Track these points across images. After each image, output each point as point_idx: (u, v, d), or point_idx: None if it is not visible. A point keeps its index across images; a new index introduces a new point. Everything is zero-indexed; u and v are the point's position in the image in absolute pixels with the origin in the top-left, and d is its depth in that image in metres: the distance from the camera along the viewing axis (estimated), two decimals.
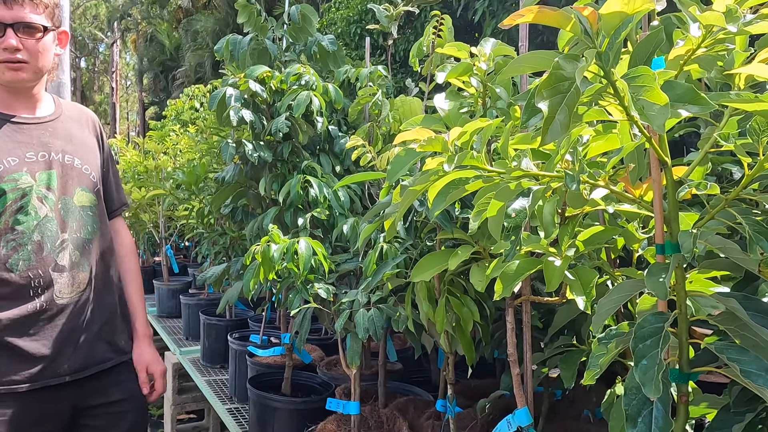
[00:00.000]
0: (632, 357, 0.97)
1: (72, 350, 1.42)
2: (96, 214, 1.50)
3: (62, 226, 1.41)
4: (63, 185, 1.43)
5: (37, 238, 1.37)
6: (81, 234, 1.45)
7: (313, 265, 1.57)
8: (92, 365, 1.46)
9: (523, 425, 1.22)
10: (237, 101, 1.96)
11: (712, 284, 0.93)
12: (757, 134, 0.70)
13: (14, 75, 1.36)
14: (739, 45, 0.86)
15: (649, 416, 0.77)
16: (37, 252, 1.37)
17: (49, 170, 1.41)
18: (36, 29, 1.36)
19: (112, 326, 1.52)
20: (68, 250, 1.41)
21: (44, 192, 1.40)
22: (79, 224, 1.45)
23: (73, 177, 1.46)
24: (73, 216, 1.44)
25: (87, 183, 1.49)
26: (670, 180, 0.78)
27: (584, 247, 1.06)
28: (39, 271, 1.36)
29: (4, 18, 1.31)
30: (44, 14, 1.38)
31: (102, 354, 1.48)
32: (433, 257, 1.26)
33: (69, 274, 1.41)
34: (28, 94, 1.44)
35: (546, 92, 0.60)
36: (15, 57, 1.34)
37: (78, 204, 1.46)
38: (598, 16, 0.62)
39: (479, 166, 0.86)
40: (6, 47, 1.32)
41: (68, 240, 1.42)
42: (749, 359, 0.75)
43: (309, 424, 1.84)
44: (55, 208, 1.41)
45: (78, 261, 1.43)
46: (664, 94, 0.58)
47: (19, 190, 1.36)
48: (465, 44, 1.40)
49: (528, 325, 1.26)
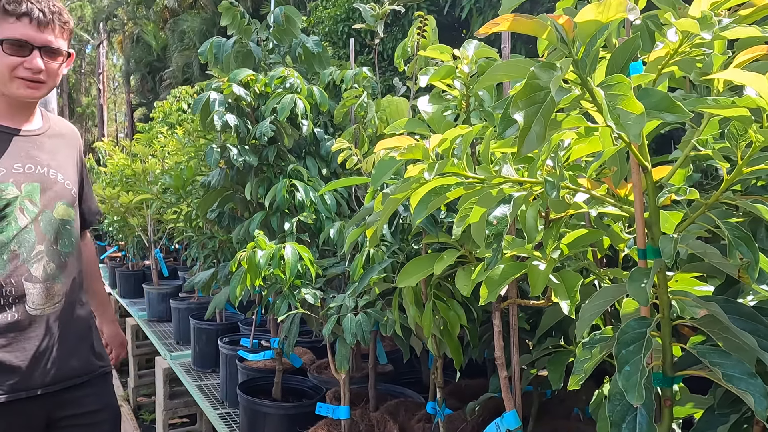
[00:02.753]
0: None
1: (45, 363, 1.41)
2: (74, 228, 1.52)
3: (40, 238, 1.43)
4: (46, 198, 1.45)
5: (14, 247, 1.38)
6: (57, 247, 1.46)
7: (300, 270, 1.56)
8: (65, 379, 1.45)
9: (511, 428, 1.22)
10: (221, 105, 1.94)
11: (697, 283, 0.93)
12: (735, 139, 0.70)
13: (31, 93, 1.41)
14: (718, 48, 0.86)
15: (633, 422, 0.78)
16: (12, 261, 1.38)
17: (34, 183, 1.43)
18: (59, 54, 1.43)
19: (87, 339, 1.53)
20: (43, 262, 1.42)
21: (27, 204, 1.41)
22: (56, 237, 1.46)
23: (56, 191, 1.47)
24: (52, 229, 1.45)
25: (68, 198, 1.51)
26: (651, 185, 0.78)
27: (569, 250, 1.06)
28: (11, 280, 1.37)
29: (33, 40, 1.36)
30: (66, 40, 1.45)
31: (75, 368, 1.48)
32: (419, 262, 1.26)
33: (43, 285, 1.41)
34: (29, 109, 1.48)
35: (522, 102, 0.59)
36: (37, 77, 1.39)
37: (57, 218, 1.47)
38: (573, 24, 0.62)
39: (460, 173, 0.85)
40: (30, 67, 1.37)
41: (44, 252, 1.43)
42: (731, 363, 0.75)
43: (300, 429, 1.83)
44: (36, 220, 1.42)
45: (53, 273, 1.44)
46: (639, 104, 0.58)
47: (3, 201, 1.37)
48: (448, 47, 1.39)
49: (515, 327, 1.26)
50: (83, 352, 1.51)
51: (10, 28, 1.34)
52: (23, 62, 1.36)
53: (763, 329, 0.75)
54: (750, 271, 0.67)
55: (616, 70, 0.69)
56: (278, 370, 2.10)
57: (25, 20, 1.35)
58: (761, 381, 0.72)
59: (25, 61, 1.37)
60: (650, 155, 0.86)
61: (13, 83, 1.39)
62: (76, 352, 1.49)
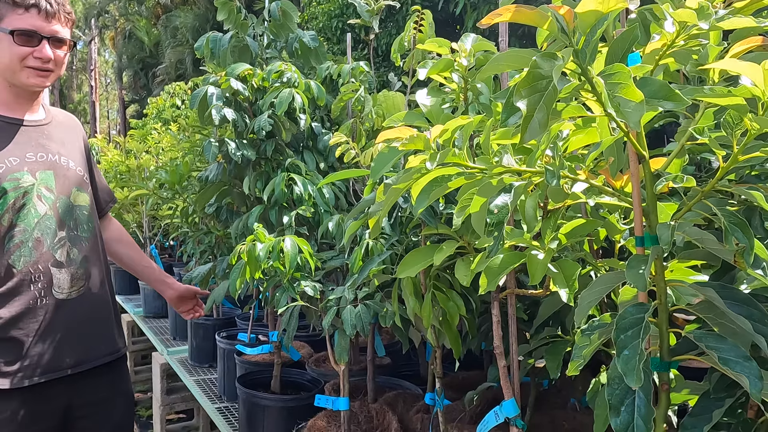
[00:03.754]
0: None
1: (73, 344, 1.47)
2: (90, 213, 1.56)
3: (60, 224, 1.47)
4: (60, 185, 1.49)
5: (37, 235, 1.43)
6: (77, 232, 1.51)
7: (299, 262, 1.57)
8: (92, 359, 1.51)
9: (510, 416, 1.24)
10: (219, 100, 1.94)
11: (691, 272, 0.95)
12: (730, 127, 0.72)
13: (41, 81, 1.46)
14: (713, 39, 0.87)
15: (631, 405, 0.79)
16: (37, 248, 1.43)
17: (48, 170, 1.48)
18: (65, 43, 1.48)
19: (109, 322, 1.58)
20: (66, 247, 1.47)
21: (44, 191, 1.46)
22: (75, 223, 1.51)
23: (69, 178, 1.52)
24: (71, 215, 1.50)
25: (81, 184, 1.55)
26: (648, 174, 0.79)
27: (566, 240, 1.07)
28: (39, 266, 1.42)
29: (42, 30, 1.42)
30: (70, 29, 1.51)
31: (100, 349, 1.54)
32: (419, 253, 1.27)
33: (67, 270, 1.46)
34: (34, 99, 1.52)
35: (524, 91, 0.61)
36: (46, 66, 1.44)
37: (75, 204, 1.52)
38: (574, 14, 0.63)
39: (461, 163, 0.87)
40: (40, 56, 1.42)
41: (66, 237, 1.48)
42: (727, 347, 0.76)
43: (299, 421, 1.85)
44: (54, 206, 1.47)
45: (75, 258, 1.49)
46: (639, 92, 0.59)
47: (20, 189, 1.42)
48: (446, 40, 1.40)
49: (513, 317, 1.27)
50: (108, 333, 1.57)
51: (19, 19, 1.39)
52: (33, 52, 1.41)
53: (758, 314, 0.77)
54: (745, 257, 0.68)
55: (615, 59, 0.70)
56: (277, 363, 2.11)
57: (33, 11, 1.40)
58: (756, 364, 0.74)
59: (35, 50, 1.41)
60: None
61: (23, 72, 1.43)
62: (102, 333, 1.55)
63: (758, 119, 0.65)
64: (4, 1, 1.39)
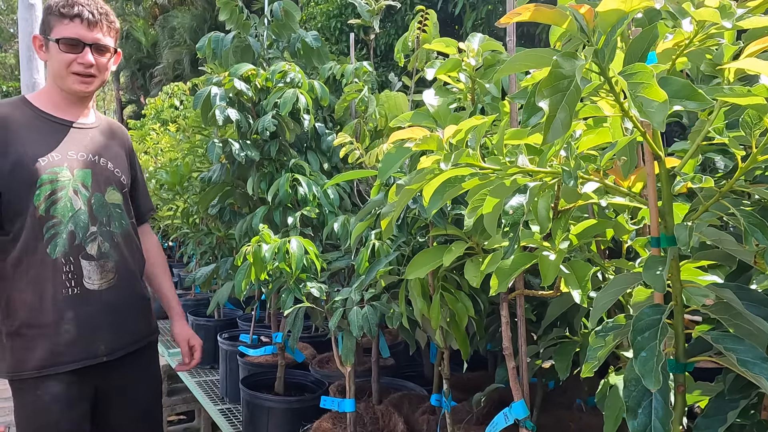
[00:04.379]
0: (625, 347, 0.98)
1: (105, 332, 1.57)
2: (124, 211, 1.66)
3: (93, 219, 1.57)
4: (97, 183, 1.59)
5: (71, 228, 1.53)
6: (110, 228, 1.60)
7: (305, 264, 1.56)
8: (125, 345, 1.62)
9: (520, 418, 1.23)
10: (222, 100, 1.94)
11: (701, 273, 0.94)
12: (749, 127, 0.71)
13: (84, 87, 1.57)
14: (728, 38, 0.87)
15: (649, 407, 0.79)
16: (70, 240, 1.52)
17: (86, 169, 1.58)
18: (108, 50, 1.58)
19: (137, 311, 1.67)
20: (97, 242, 1.57)
21: (80, 187, 1.56)
22: (108, 219, 1.60)
23: (106, 177, 1.62)
24: (104, 211, 1.60)
25: (117, 184, 1.66)
26: (665, 174, 0.79)
27: (577, 241, 1.07)
28: (71, 257, 1.52)
29: (85, 38, 1.53)
30: (114, 38, 1.61)
31: (130, 337, 1.64)
32: (427, 254, 1.27)
33: (97, 263, 1.56)
34: (83, 104, 1.64)
35: (546, 91, 0.60)
36: (89, 72, 1.55)
37: (109, 201, 1.62)
38: (594, 13, 0.62)
39: (475, 164, 0.86)
40: (83, 62, 1.53)
41: (97, 232, 1.57)
42: (745, 348, 0.76)
43: (304, 422, 1.84)
44: (88, 202, 1.57)
45: (106, 251, 1.58)
46: (662, 91, 0.59)
47: (57, 183, 1.52)
48: (453, 40, 1.40)
49: (522, 318, 1.27)
50: (138, 321, 1.67)
51: (64, 28, 1.51)
52: (76, 58, 1.52)
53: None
54: (766, 257, 0.68)
55: (635, 59, 0.69)
56: (280, 365, 2.10)
57: (77, 21, 1.51)
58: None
59: (78, 57, 1.52)
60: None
61: (69, 78, 1.54)
62: (132, 322, 1.64)
63: None
64: (53, 14, 1.51)
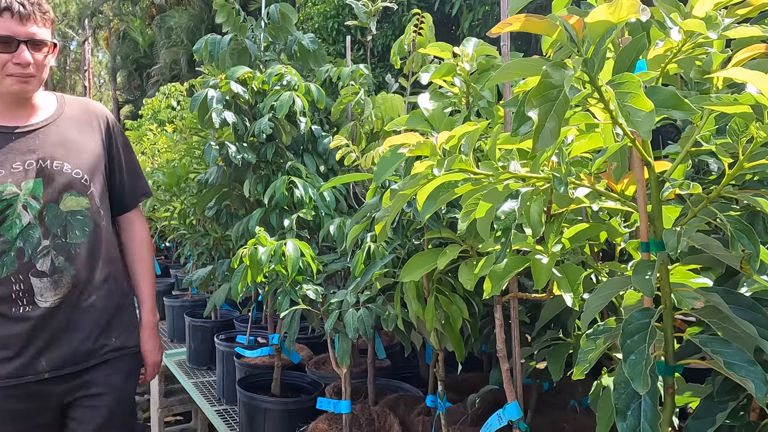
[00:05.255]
0: (618, 350, 0.99)
1: (53, 349, 1.46)
2: (88, 217, 1.50)
3: (45, 232, 1.45)
4: (49, 192, 1.45)
5: (20, 244, 1.42)
6: (66, 239, 1.47)
7: (301, 266, 1.58)
8: (73, 363, 1.49)
9: (513, 419, 1.24)
10: (219, 103, 1.94)
11: (692, 275, 0.96)
12: (736, 135, 0.72)
13: (23, 87, 1.41)
14: (717, 47, 0.88)
15: (638, 409, 0.80)
16: (18, 258, 1.42)
17: (36, 178, 1.44)
18: (44, 45, 1.41)
19: (101, 326, 1.54)
20: (50, 256, 1.45)
21: (29, 200, 1.43)
22: (64, 230, 1.47)
23: (61, 183, 1.47)
24: (58, 222, 1.46)
25: (77, 187, 1.49)
26: (654, 179, 0.80)
27: (570, 244, 1.08)
28: (20, 276, 1.41)
29: (18, 34, 1.36)
30: (49, 30, 1.44)
31: (86, 353, 1.51)
32: (422, 257, 1.28)
33: (50, 279, 1.44)
34: (27, 104, 1.48)
35: (536, 101, 0.61)
36: (27, 71, 1.39)
37: (64, 209, 1.47)
38: (583, 24, 0.64)
39: (468, 169, 0.87)
40: (20, 62, 1.37)
41: (50, 246, 1.45)
42: (732, 351, 0.77)
43: (300, 424, 1.85)
44: (40, 215, 1.44)
45: (61, 266, 1.46)
46: (649, 101, 0.60)
47: (3, 201, 1.40)
48: (448, 44, 1.41)
49: (516, 321, 1.28)
50: (96, 337, 1.52)
51: None
52: (11, 58, 1.36)
53: (762, 318, 0.78)
54: (752, 263, 0.69)
55: (623, 68, 0.71)
56: (277, 366, 2.11)
57: (6, 15, 1.34)
58: (761, 368, 0.74)
59: (13, 56, 1.36)
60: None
61: (6, 81, 1.39)
62: (90, 337, 1.51)
63: (764, 127, 0.66)
64: None
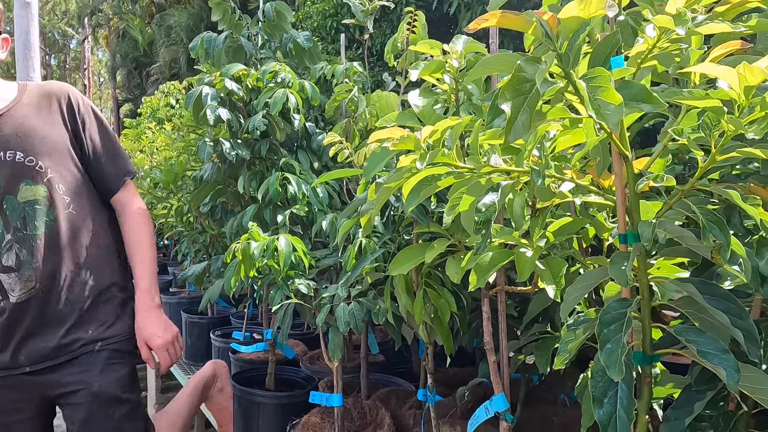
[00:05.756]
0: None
1: (29, 343, 1.47)
2: (47, 206, 1.46)
3: (7, 226, 1.43)
4: (6, 184, 1.43)
5: None
6: (26, 231, 1.44)
7: (294, 261, 1.59)
8: (51, 357, 1.48)
9: (500, 410, 1.26)
10: (213, 100, 1.96)
11: (677, 270, 0.98)
12: (709, 129, 0.74)
13: None
14: (695, 43, 0.90)
15: (614, 397, 0.82)
16: None
17: None
18: None
19: (75, 319, 1.50)
20: (14, 250, 1.44)
21: None
22: (24, 222, 1.44)
23: (14, 173, 1.43)
24: (17, 214, 1.44)
25: (32, 176, 1.45)
26: (631, 173, 0.82)
27: (554, 238, 1.10)
28: None
29: None
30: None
31: (61, 346, 1.49)
32: (410, 251, 1.30)
33: (17, 273, 1.44)
34: None
35: (509, 94, 0.63)
36: None
37: (21, 200, 1.44)
38: (557, 20, 0.65)
39: (450, 163, 0.89)
40: None
41: (12, 240, 1.44)
42: (706, 340, 0.79)
43: (293, 417, 1.87)
44: (0, 209, 1.43)
45: (26, 259, 1.44)
46: (618, 94, 0.62)
47: None
48: (437, 42, 1.43)
49: (503, 314, 1.30)
50: (67, 330, 1.48)
51: None
52: None
53: (736, 308, 0.80)
54: (722, 253, 0.71)
55: (598, 63, 0.73)
56: (271, 361, 2.13)
57: None
58: (733, 356, 0.76)
59: None
60: (635, 149, 0.91)
61: None
62: (63, 329, 1.48)
63: (733, 120, 0.68)
64: None
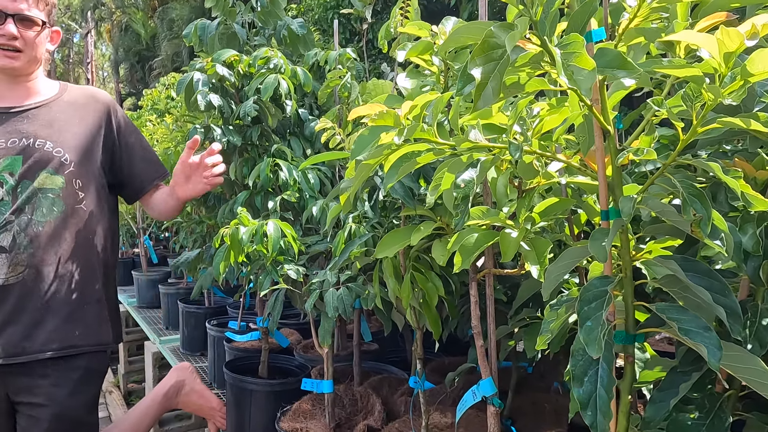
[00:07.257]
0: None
1: (7, 330, 1.41)
2: (59, 197, 1.49)
3: (14, 209, 1.45)
4: (27, 169, 1.47)
5: None
6: (32, 216, 1.45)
7: (283, 246, 1.58)
8: (27, 352, 1.42)
9: (487, 395, 1.25)
10: (204, 86, 1.95)
11: (667, 252, 0.96)
12: (690, 100, 0.72)
13: (8, 62, 1.47)
14: (681, 16, 0.88)
15: (594, 375, 0.80)
16: None
17: (16, 156, 1.47)
18: (35, 23, 1.48)
19: (61, 318, 1.47)
20: (12, 232, 1.43)
21: (5, 176, 1.46)
22: (33, 208, 1.46)
23: (40, 160, 1.48)
24: (29, 200, 1.47)
25: (54, 165, 1.49)
26: (613, 148, 0.80)
27: (540, 219, 1.08)
28: None
29: (6, 8, 1.44)
30: (44, 11, 1.51)
31: (40, 343, 1.44)
32: (397, 234, 1.28)
33: (8, 255, 1.42)
34: (23, 85, 1.54)
35: (479, 59, 0.61)
36: (12, 44, 1.46)
37: (37, 186, 1.47)
38: None
39: (430, 139, 0.87)
40: (4, 33, 1.44)
41: (15, 221, 1.44)
42: (688, 318, 0.78)
43: (284, 404, 1.86)
44: (13, 191, 1.46)
45: (21, 242, 1.44)
46: (591, 60, 0.60)
47: None
48: (426, 23, 1.41)
49: (491, 297, 1.28)
50: (58, 325, 1.46)
51: None
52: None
53: (718, 285, 0.78)
54: (702, 226, 0.69)
55: (575, 30, 0.71)
56: (264, 349, 2.12)
57: None
58: (715, 334, 0.75)
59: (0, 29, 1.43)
60: (628, 136, 0.89)
61: None
62: (45, 326, 1.44)
63: (713, 89, 0.66)
64: None
